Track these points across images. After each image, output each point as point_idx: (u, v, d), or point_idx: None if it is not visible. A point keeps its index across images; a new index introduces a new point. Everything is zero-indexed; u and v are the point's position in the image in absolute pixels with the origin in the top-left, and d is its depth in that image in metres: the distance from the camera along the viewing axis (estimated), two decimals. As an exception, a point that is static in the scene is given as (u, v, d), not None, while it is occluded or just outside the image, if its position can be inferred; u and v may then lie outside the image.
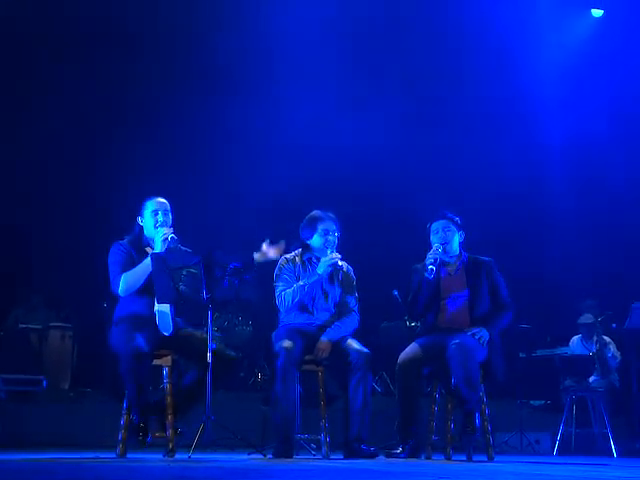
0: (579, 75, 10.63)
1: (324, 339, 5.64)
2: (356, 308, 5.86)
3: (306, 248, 5.87)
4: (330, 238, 5.78)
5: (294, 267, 5.82)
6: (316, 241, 5.81)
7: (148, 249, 5.44)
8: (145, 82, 9.80)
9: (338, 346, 5.64)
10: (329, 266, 5.68)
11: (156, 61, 9.86)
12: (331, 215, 5.86)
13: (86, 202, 9.58)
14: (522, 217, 10.47)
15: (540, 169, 10.70)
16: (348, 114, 9.86)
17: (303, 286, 5.69)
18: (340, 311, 5.82)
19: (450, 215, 5.86)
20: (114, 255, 5.40)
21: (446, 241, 5.77)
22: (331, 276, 5.82)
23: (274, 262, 5.85)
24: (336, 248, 5.78)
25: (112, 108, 9.75)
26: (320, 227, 5.80)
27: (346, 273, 5.90)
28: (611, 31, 10.47)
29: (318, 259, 5.78)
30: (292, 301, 5.69)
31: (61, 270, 9.22)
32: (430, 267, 5.62)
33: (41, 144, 9.56)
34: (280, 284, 5.77)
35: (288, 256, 5.88)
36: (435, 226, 5.83)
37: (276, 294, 5.77)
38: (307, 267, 5.81)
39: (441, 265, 5.76)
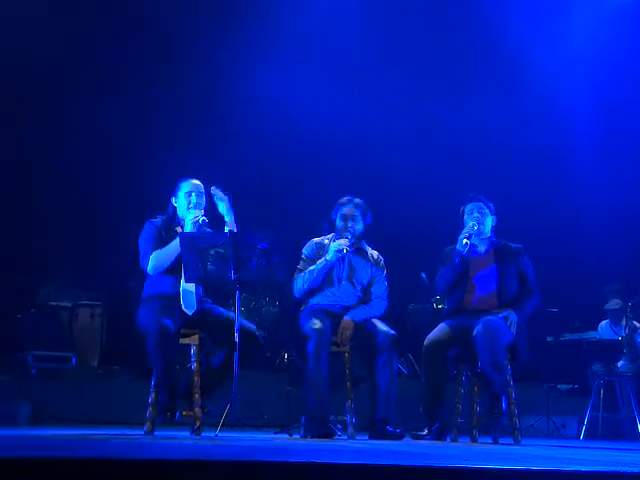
0: (611, 54, 10.47)
1: (347, 318, 5.61)
2: (384, 296, 5.82)
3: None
4: (340, 224, 5.73)
5: (318, 250, 5.77)
6: (337, 224, 5.80)
7: (178, 228, 5.47)
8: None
9: (364, 327, 5.62)
10: (336, 252, 5.63)
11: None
12: (356, 200, 5.80)
13: (116, 181, 9.63)
14: (553, 200, 10.39)
15: (572, 152, 10.60)
16: (377, 98, 9.86)
17: (312, 271, 5.66)
18: (368, 297, 5.78)
19: (484, 199, 5.84)
20: (146, 233, 5.45)
21: (480, 222, 5.73)
22: (361, 261, 5.78)
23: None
24: (354, 234, 5.70)
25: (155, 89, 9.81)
26: (339, 212, 5.79)
27: (377, 260, 5.86)
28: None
29: None
30: (303, 285, 5.68)
31: (91, 248, 9.28)
32: (465, 241, 5.58)
33: (73, 122, 9.62)
34: (298, 267, 5.75)
35: (316, 239, 5.86)
36: (470, 207, 5.79)
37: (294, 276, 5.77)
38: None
39: (471, 245, 5.71)
